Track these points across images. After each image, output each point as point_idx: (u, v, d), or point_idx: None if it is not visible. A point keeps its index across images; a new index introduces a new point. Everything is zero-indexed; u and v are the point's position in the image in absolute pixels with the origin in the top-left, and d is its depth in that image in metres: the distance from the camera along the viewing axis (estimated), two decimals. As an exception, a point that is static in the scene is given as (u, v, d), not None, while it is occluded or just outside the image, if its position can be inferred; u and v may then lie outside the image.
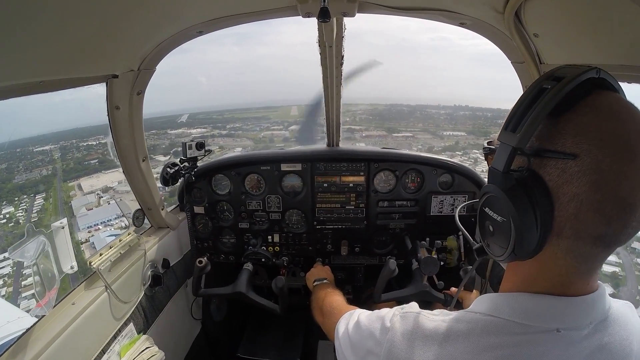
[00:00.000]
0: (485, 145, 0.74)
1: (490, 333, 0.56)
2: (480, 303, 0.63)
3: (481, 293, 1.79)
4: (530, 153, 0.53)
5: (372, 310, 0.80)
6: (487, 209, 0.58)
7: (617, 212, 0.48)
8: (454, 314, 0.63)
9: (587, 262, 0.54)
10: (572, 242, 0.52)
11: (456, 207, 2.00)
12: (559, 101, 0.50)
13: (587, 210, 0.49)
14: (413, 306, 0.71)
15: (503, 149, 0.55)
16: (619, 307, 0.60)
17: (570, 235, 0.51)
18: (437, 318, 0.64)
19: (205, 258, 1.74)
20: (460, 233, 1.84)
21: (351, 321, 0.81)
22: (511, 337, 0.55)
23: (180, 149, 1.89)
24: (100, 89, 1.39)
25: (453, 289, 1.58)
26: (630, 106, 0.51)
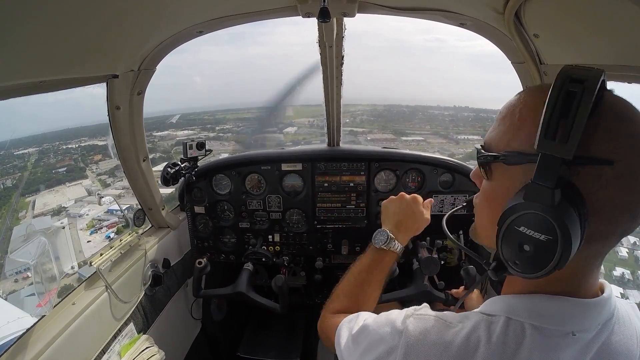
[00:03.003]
0: (483, 151, 0.62)
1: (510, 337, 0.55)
2: (493, 304, 0.62)
3: (481, 292, 1.78)
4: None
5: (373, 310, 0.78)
6: (523, 229, 0.51)
7: None
8: (469, 316, 0.61)
9: (601, 257, 0.56)
10: (600, 244, 0.53)
11: (455, 206, 1.98)
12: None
13: (620, 213, 0.50)
14: (425, 308, 0.68)
15: (549, 161, 0.48)
16: (623, 306, 0.61)
17: (599, 239, 0.52)
18: (455, 321, 0.61)
19: (204, 259, 1.74)
20: (461, 232, 1.84)
21: (355, 326, 0.74)
22: (529, 340, 0.54)
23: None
24: (94, 89, 1.38)
25: (454, 290, 1.58)
26: (633, 106, 0.53)
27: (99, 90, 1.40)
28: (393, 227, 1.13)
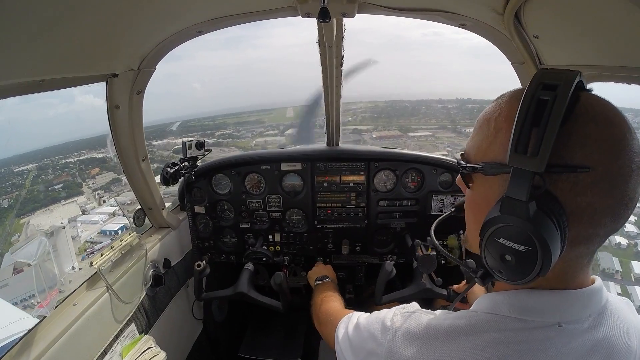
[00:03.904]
0: (462, 162, 0.61)
1: (490, 330, 0.56)
2: (480, 302, 0.64)
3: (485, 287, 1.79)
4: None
5: (373, 311, 0.80)
6: (503, 240, 0.52)
7: (625, 210, 0.51)
8: (454, 312, 0.64)
9: (589, 256, 0.56)
10: (584, 246, 0.54)
11: (447, 209, 1.99)
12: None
13: (601, 216, 0.50)
14: (414, 306, 0.71)
15: (521, 175, 0.49)
16: (616, 302, 0.61)
17: (582, 241, 0.53)
18: (439, 317, 0.64)
19: (203, 261, 1.74)
20: (461, 232, 1.84)
21: (350, 324, 0.81)
22: (512, 333, 0.55)
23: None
24: (94, 101, 1.39)
25: (456, 286, 1.59)
26: (612, 106, 0.52)
27: (99, 102, 1.41)
28: (324, 273, 1.67)
